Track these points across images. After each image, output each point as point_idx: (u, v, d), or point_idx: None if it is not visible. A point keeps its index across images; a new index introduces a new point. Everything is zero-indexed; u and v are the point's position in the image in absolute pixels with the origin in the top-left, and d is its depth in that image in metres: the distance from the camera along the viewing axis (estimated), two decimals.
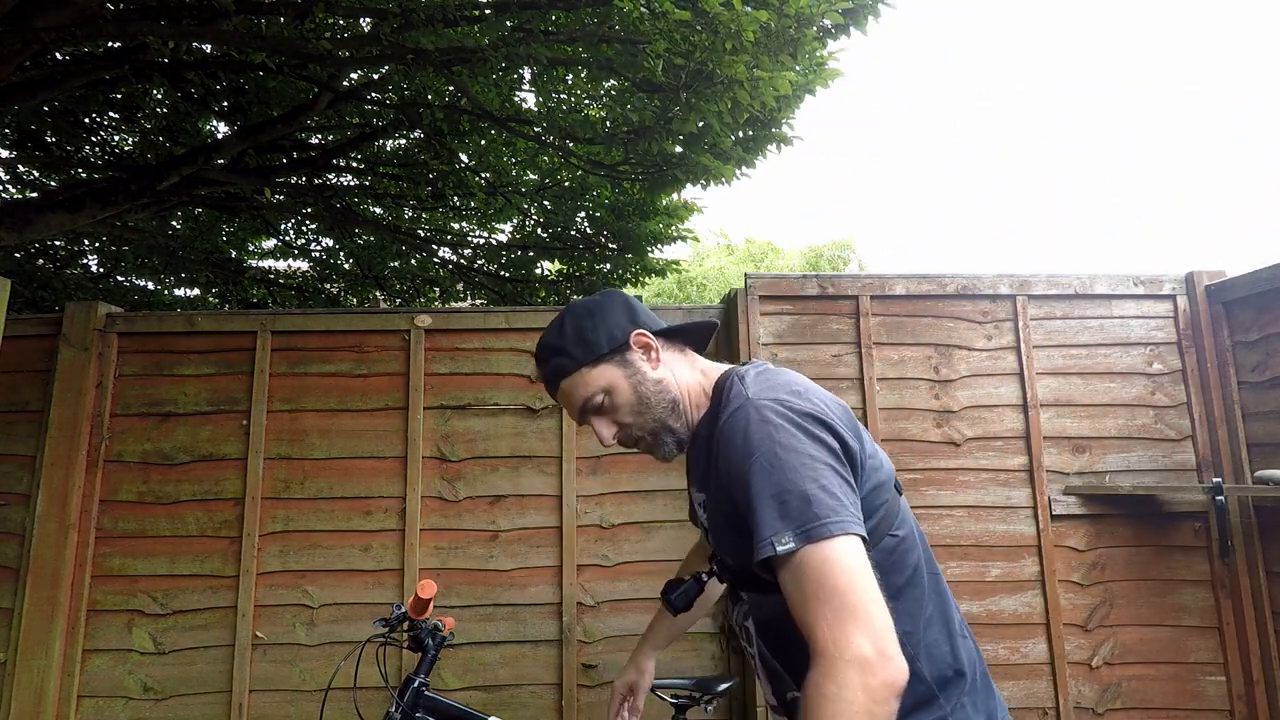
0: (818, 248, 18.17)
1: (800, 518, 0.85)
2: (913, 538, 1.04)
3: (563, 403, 1.13)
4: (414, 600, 1.84)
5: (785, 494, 0.87)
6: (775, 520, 0.87)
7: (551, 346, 1.11)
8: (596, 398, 1.08)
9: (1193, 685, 2.58)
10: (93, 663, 2.49)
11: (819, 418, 0.95)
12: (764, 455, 0.91)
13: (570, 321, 1.11)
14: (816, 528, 0.85)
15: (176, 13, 2.81)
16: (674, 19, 2.40)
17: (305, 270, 6.27)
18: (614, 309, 1.12)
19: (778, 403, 0.96)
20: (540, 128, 3.67)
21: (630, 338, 1.10)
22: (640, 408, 1.08)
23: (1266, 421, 2.62)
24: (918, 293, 2.81)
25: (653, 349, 1.11)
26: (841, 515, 0.86)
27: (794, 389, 1.00)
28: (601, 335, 1.09)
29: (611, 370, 1.08)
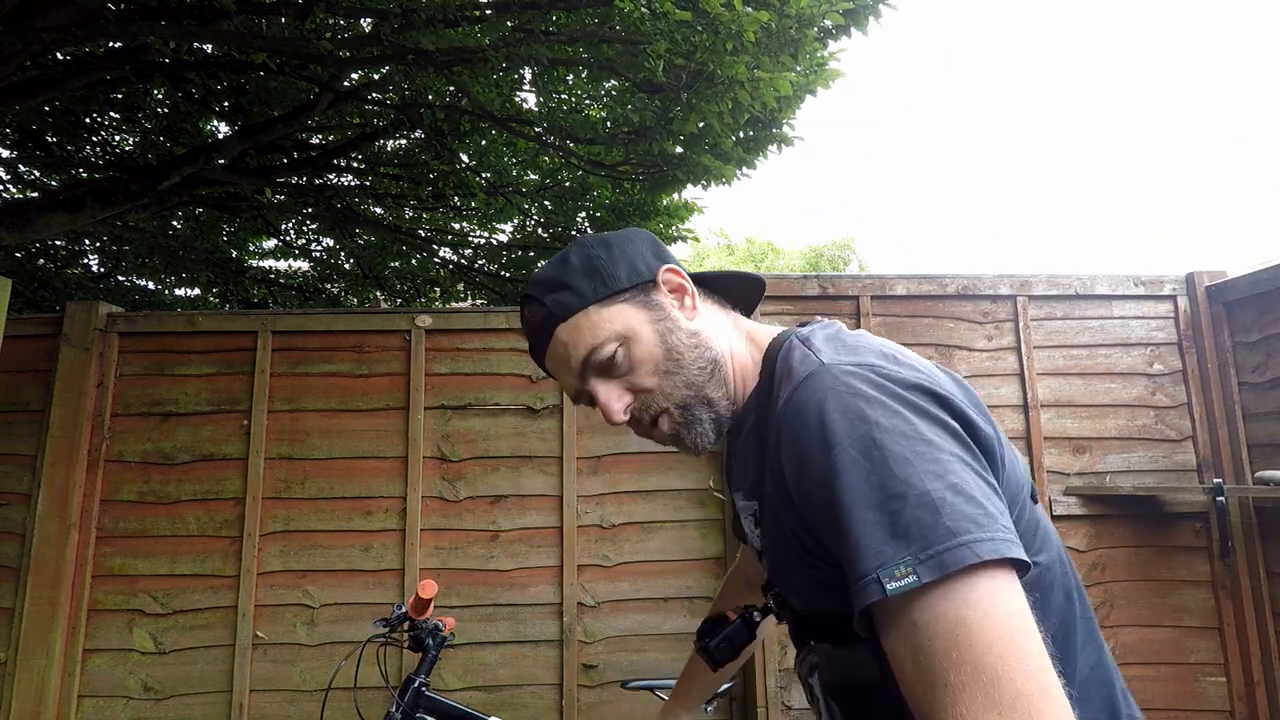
0: (818, 248, 18.18)
1: (924, 536, 0.53)
2: (1060, 566, 0.72)
3: (556, 364, 0.80)
4: (414, 600, 1.84)
5: (897, 499, 0.56)
6: (882, 541, 0.55)
7: (549, 280, 0.79)
8: (607, 348, 0.75)
9: (1193, 686, 2.58)
10: (93, 662, 2.49)
11: (932, 391, 0.63)
12: (856, 444, 0.59)
13: (578, 253, 0.80)
14: (953, 550, 0.52)
15: (177, 13, 2.80)
16: (675, 19, 2.40)
17: (306, 270, 6.27)
18: (637, 241, 0.82)
19: (869, 369, 0.64)
20: (541, 128, 3.67)
21: (659, 274, 0.80)
22: (668, 365, 0.76)
23: (1267, 422, 2.62)
24: (918, 293, 2.82)
25: (687, 293, 0.80)
26: (990, 530, 0.54)
27: (887, 352, 0.69)
28: (620, 267, 0.78)
29: (631, 312, 0.77)
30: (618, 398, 0.77)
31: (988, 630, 0.51)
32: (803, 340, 0.74)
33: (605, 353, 0.76)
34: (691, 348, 0.77)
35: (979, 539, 0.53)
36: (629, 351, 0.76)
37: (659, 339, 0.77)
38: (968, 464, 0.59)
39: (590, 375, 0.78)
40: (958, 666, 0.50)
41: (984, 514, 0.55)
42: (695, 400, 0.77)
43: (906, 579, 0.53)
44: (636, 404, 0.78)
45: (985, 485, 0.58)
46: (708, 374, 0.77)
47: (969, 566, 0.52)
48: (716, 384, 0.78)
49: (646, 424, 0.79)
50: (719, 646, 0.92)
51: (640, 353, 0.76)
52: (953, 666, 0.50)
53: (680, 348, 0.77)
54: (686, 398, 0.77)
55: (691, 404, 0.77)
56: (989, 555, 0.52)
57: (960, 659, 0.50)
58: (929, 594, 0.53)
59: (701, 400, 0.77)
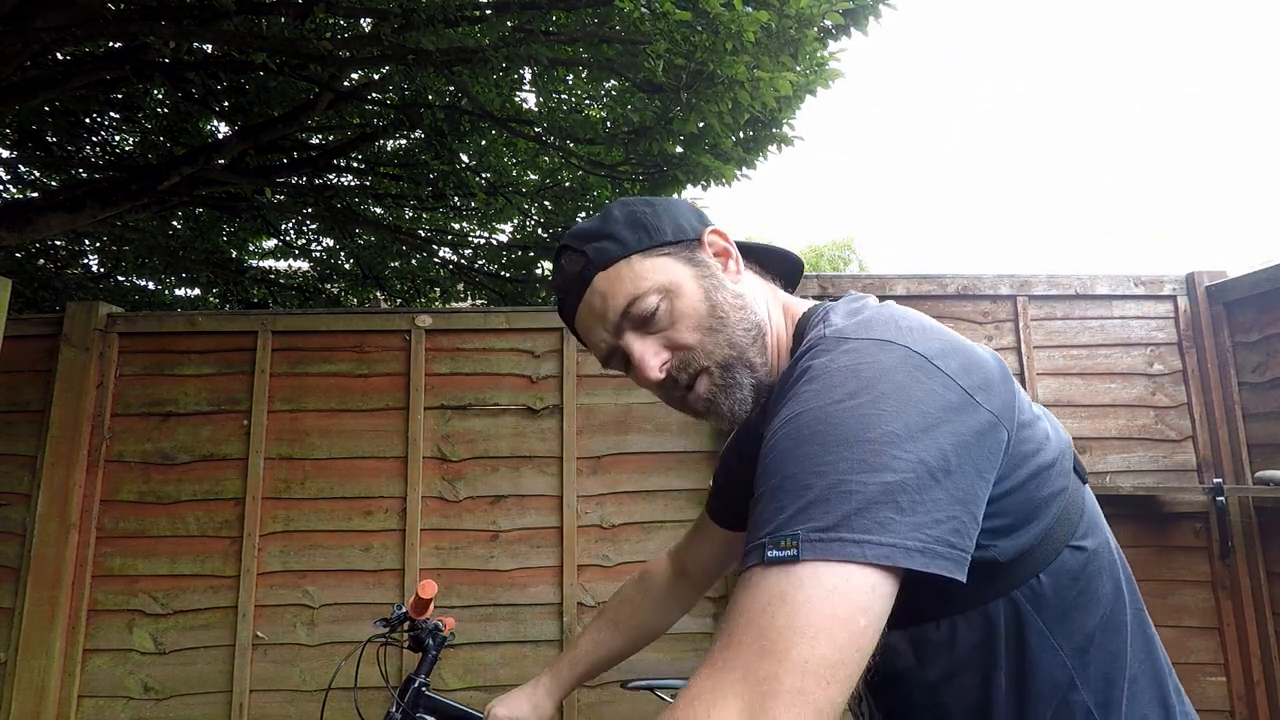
0: (818, 248, 18.19)
1: (825, 516, 0.51)
2: (1109, 556, 0.67)
3: (589, 318, 0.75)
4: (414, 600, 1.84)
5: (813, 478, 0.53)
6: (789, 510, 0.52)
7: (590, 230, 0.75)
8: (650, 298, 0.71)
9: (1193, 686, 2.59)
10: (93, 663, 2.49)
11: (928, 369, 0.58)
12: (808, 415, 0.56)
13: (620, 208, 0.76)
14: (839, 543, 0.50)
15: (177, 13, 2.80)
16: (675, 19, 2.40)
17: (306, 270, 6.27)
18: (680, 205, 0.79)
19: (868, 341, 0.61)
20: (541, 128, 3.67)
21: (704, 235, 0.76)
22: (712, 321, 0.72)
23: (1267, 422, 2.62)
24: (918, 293, 2.82)
25: (731, 256, 0.77)
26: (898, 536, 0.51)
27: (901, 324, 0.64)
28: (665, 222, 0.75)
29: (675, 265, 0.73)
30: (654, 353, 0.72)
31: (798, 615, 0.48)
32: (824, 314, 0.71)
33: (648, 304, 0.71)
34: (737, 308, 0.73)
35: (874, 541, 0.50)
36: (671, 305, 0.72)
37: (704, 294, 0.72)
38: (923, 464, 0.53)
39: (627, 328, 0.73)
40: (749, 627, 0.49)
41: (905, 522, 0.51)
42: (737, 361, 0.72)
43: (788, 551, 0.51)
44: (674, 362, 0.73)
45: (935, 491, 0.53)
46: (751, 336, 0.73)
47: (848, 560, 0.50)
48: (759, 349, 0.73)
49: (683, 384, 0.73)
50: None
51: (683, 306, 0.72)
52: (746, 625, 0.50)
53: (725, 306, 0.72)
54: (729, 357, 0.72)
55: (734, 365, 0.72)
56: (874, 559, 0.50)
57: (753, 623, 0.49)
58: (781, 566, 0.50)
59: (744, 363, 0.72)
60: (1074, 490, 0.66)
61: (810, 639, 0.48)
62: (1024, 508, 0.61)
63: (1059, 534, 0.63)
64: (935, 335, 0.63)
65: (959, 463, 0.55)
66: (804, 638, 0.48)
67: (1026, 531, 0.61)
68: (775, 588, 0.50)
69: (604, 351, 0.76)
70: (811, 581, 0.49)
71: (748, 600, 0.51)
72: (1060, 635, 0.62)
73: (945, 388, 0.57)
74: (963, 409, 0.57)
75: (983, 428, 0.58)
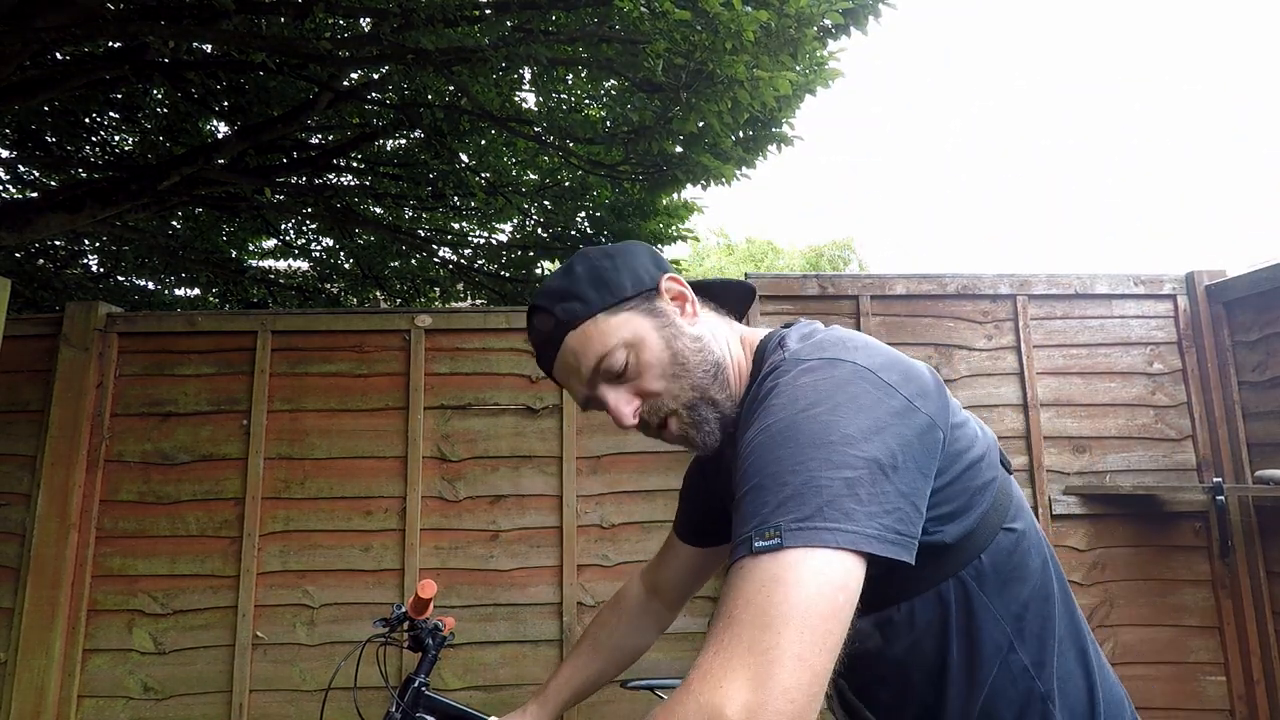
0: (818, 247, 18.19)
1: (800, 509, 0.59)
2: (1035, 535, 0.78)
3: (565, 372, 0.84)
4: (414, 600, 1.84)
5: (791, 474, 0.61)
6: (766, 506, 0.61)
7: (557, 291, 0.82)
8: (617, 354, 0.80)
9: (1193, 685, 2.58)
10: (93, 663, 2.49)
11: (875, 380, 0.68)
12: (778, 424, 0.65)
13: (582, 264, 0.84)
14: (818, 530, 0.58)
15: (177, 12, 2.80)
16: (674, 19, 2.40)
17: (305, 270, 6.26)
18: (638, 253, 0.86)
19: (822, 360, 0.70)
20: (540, 128, 3.67)
21: (661, 282, 0.84)
22: (674, 369, 0.80)
23: (1267, 421, 2.62)
24: (918, 293, 2.82)
25: (688, 299, 0.85)
26: (859, 525, 0.59)
27: (849, 344, 0.73)
28: (624, 276, 0.82)
29: (638, 319, 0.81)
30: (626, 402, 0.81)
31: (791, 593, 0.56)
32: (779, 340, 0.81)
33: (615, 360, 0.80)
34: (695, 351, 0.82)
35: (844, 529, 0.59)
36: (637, 357, 0.80)
37: (665, 344, 0.81)
38: (876, 464, 0.62)
39: (600, 382, 0.82)
40: (747, 606, 0.57)
41: (862, 511, 0.60)
42: (700, 401, 0.81)
43: (773, 540, 0.59)
44: (645, 407, 0.82)
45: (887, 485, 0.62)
46: (711, 376, 0.82)
47: (819, 545, 0.58)
48: (720, 385, 0.82)
49: (655, 426, 0.83)
50: None
51: (648, 358, 0.80)
52: (745, 606, 0.57)
53: (685, 352, 0.81)
54: (692, 399, 0.81)
55: (697, 404, 0.81)
56: (848, 545, 0.58)
57: (751, 602, 0.57)
58: (770, 554, 0.58)
59: (706, 401, 0.81)
60: (1002, 480, 0.77)
61: (803, 613, 0.56)
62: (962, 496, 0.71)
63: (994, 518, 0.74)
64: (878, 352, 0.73)
65: (904, 460, 0.65)
66: (798, 612, 0.56)
67: (968, 516, 0.72)
68: (768, 571, 0.58)
69: (582, 399, 0.85)
70: (800, 565, 0.58)
71: (743, 584, 0.59)
72: (1000, 605, 0.73)
73: (889, 396, 0.68)
74: (905, 413, 0.67)
75: (922, 429, 0.68)
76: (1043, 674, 0.73)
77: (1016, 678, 0.73)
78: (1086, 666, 0.77)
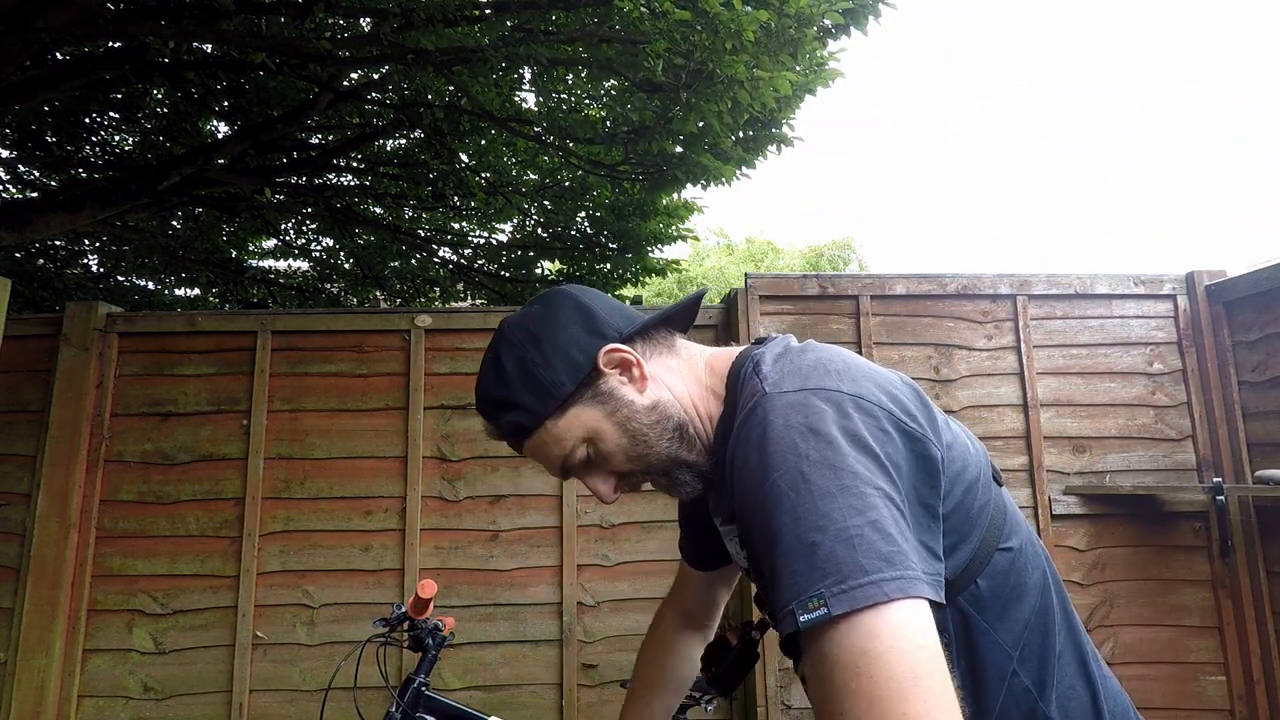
0: (818, 247, 18.19)
1: (839, 570, 0.55)
2: (1031, 549, 0.76)
3: (537, 462, 0.84)
4: (414, 600, 1.84)
5: (817, 532, 0.57)
6: (800, 574, 0.57)
7: (495, 401, 0.79)
8: (577, 453, 0.79)
9: (1193, 685, 2.58)
10: (93, 662, 2.49)
11: (867, 408, 0.65)
12: (785, 477, 0.61)
13: (510, 357, 0.79)
14: (864, 587, 0.54)
15: (177, 12, 2.80)
16: (674, 19, 2.40)
17: (305, 270, 6.26)
18: (565, 323, 0.80)
19: (807, 393, 0.66)
20: (540, 128, 3.67)
21: (599, 359, 0.78)
22: (638, 450, 0.79)
23: (1267, 421, 2.62)
24: (918, 293, 2.82)
25: (633, 364, 0.79)
26: (901, 568, 0.55)
27: (829, 368, 0.69)
28: (559, 368, 0.77)
29: (586, 412, 0.78)
30: (603, 483, 0.82)
31: (890, 664, 0.51)
32: (755, 365, 0.75)
33: (577, 458, 0.79)
34: (654, 424, 0.79)
35: (888, 578, 0.54)
36: (597, 449, 0.79)
37: (620, 429, 0.78)
38: (890, 499, 0.60)
39: (573, 472, 0.82)
40: (854, 697, 0.51)
41: (898, 552, 0.56)
42: (672, 464, 0.80)
43: (818, 611, 0.54)
44: (623, 484, 0.83)
45: (903, 522, 0.59)
46: (677, 440, 0.79)
47: (875, 603, 0.53)
48: (688, 445, 0.80)
49: (638, 488, 0.84)
50: (726, 674, 0.91)
51: (608, 448, 0.79)
52: (849, 697, 0.52)
53: (643, 430, 0.78)
54: (664, 465, 0.80)
55: (670, 468, 0.80)
56: (896, 594, 0.54)
57: (858, 690, 0.51)
58: (838, 626, 0.54)
59: (678, 463, 0.80)
60: (995, 497, 0.74)
61: (912, 680, 0.51)
62: (962, 524, 0.69)
63: (990, 540, 0.71)
64: (860, 374, 0.69)
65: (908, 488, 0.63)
66: (907, 682, 0.51)
67: (966, 545, 0.69)
68: (854, 648, 0.53)
69: (562, 478, 0.85)
70: (878, 631, 0.53)
71: (830, 672, 0.54)
72: (1001, 630, 0.70)
73: (883, 422, 0.65)
74: (900, 437, 0.65)
75: (921, 451, 0.65)
76: (1044, 693, 0.71)
77: (1019, 699, 0.71)
78: (1089, 678, 0.75)
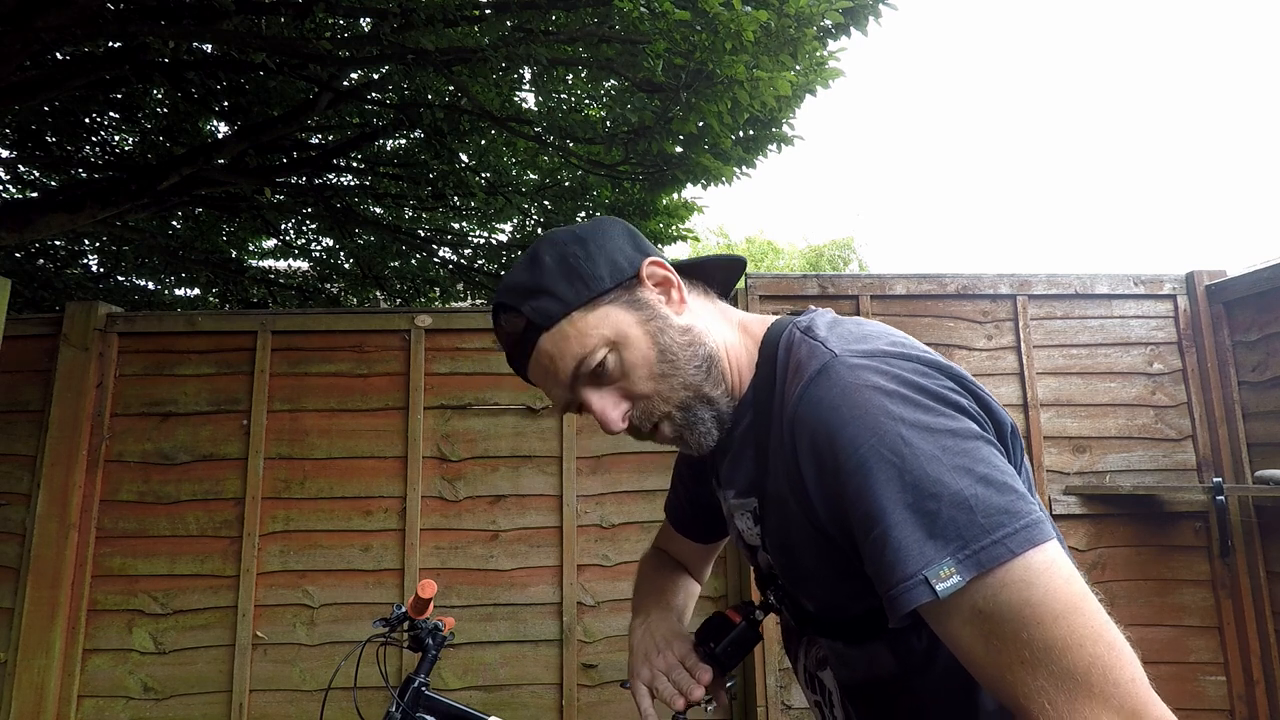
0: (818, 247, 18.18)
1: (961, 536, 0.54)
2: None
3: (541, 375, 0.75)
4: (414, 600, 1.84)
5: (932, 500, 0.56)
6: (923, 542, 0.55)
7: (524, 287, 0.73)
8: (598, 355, 0.71)
9: (1193, 685, 2.58)
10: (93, 662, 2.49)
11: (945, 368, 0.64)
12: (884, 442, 0.58)
13: (551, 252, 0.74)
14: (989, 547, 0.54)
15: (176, 12, 2.80)
16: (674, 19, 2.40)
17: (305, 270, 6.26)
18: (613, 234, 0.76)
19: (881, 358, 0.63)
20: (540, 128, 3.67)
21: (642, 269, 0.75)
22: (663, 367, 0.72)
23: (1267, 421, 2.62)
24: (918, 292, 2.82)
25: (673, 285, 0.76)
26: (1023, 517, 0.55)
27: (893, 336, 0.68)
28: (601, 265, 0.73)
29: (619, 313, 0.72)
30: (613, 405, 0.73)
31: (1053, 605, 0.52)
32: (805, 330, 0.71)
33: (595, 360, 0.71)
34: (685, 345, 0.73)
35: (1012, 531, 0.54)
36: (620, 357, 0.72)
37: (651, 340, 0.72)
38: (991, 445, 0.59)
39: (581, 385, 0.73)
40: (1029, 645, 0.52)
41: (1013, 499, 0.56)
42: (695, 400, 0.73)
43: (952, 579, 0.54)
44: (635, 412, 0.74)
45: (1009, 465, 0.59)
46: (704, 372, 0.74)
47: (1013, 555, 0.54)
48: (714, 381, 0.74)
49: (647, 430, 0.76)
50: (726, 651, 0.86)
51: (633, 357, 0.72)
52: (1025, 645, 0.52)
53: (674, 347, 0.73)
54: (685, 399, 0.73)
55: (691, 404, 0.73)
56: (1030, 542, 0.54)
57: (1031, 637, 0.52)
58: (984, 583, 0.54)
59: (701, 399, 0.74)
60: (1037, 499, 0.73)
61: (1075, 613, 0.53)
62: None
63: None
64: (922, 346, 0.68)
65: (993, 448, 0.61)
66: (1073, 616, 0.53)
67: None
68: (1013, 599, 0.54)
69: (561, 405, 0.76)
70: (1030, 578, 0.54)
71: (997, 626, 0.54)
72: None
73: (959, 385, 0.63)
74: (973, 401, 0.63)
75: (996, 417, 0.65)
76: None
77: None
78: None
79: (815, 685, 0.79)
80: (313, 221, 5.30)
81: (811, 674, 0.80)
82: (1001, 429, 0.64)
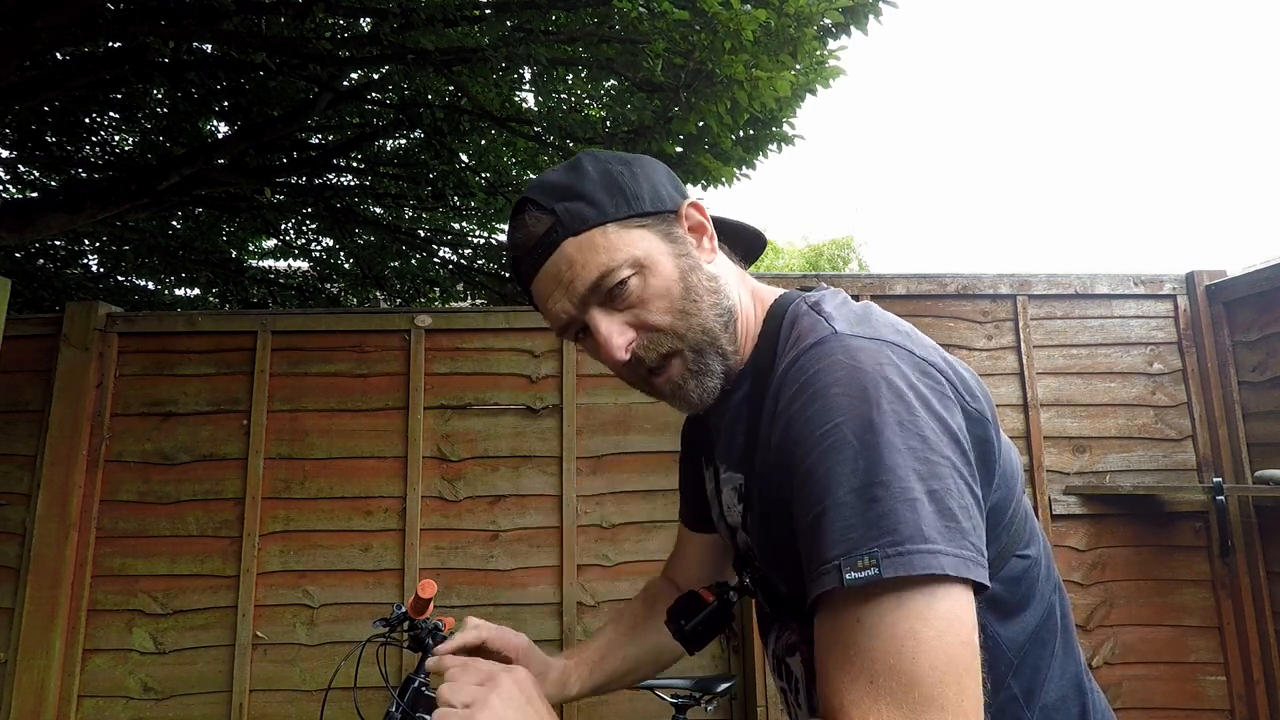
0: (818, 247, 18.18)
1: (895, 530, 0.52)
2: (1046, 561, 0.72)
3: (550, 285, 0.69)
4: (414, 600, 1.84)
5: (880, 487, 0.53)
6: (853, 527, 0.53)
7: (560, 187, 0.69)
8: (623, 271, 0.67)
9: (1193, 685, 2.58)
10: (93, 662, 2.49)
11: (940, 374, 0.61)
12: (853, 422, 0.56)
13: (594, 163, 0.71)
14: (921, 555, 0.51)
15: (176, 12, 2.80)
16: (673, 19, 2.40)
17: (305, 270, 6.26)
18: (657, 169, 0.74)
19: (883, 345, 0.61)
20: (540, 127, 3.67)
21: (682, 207, 0.72)
22: (685, 304, 0.69)
23: (1267, 421, 2.62)
24: (918, 292, 2.82)
25: (707, 234, 0.73)
26: (957, 546, 0.52)
27: (899, 327, 0.66)
28: (644, 189, 0.70)
29: (652, 239, 0.69)
30: (620, 332, 0.69)
31: (937, 652, 0.50)
32: (812, 305, 0.70)
33: (619, 277, 0.67)
34: (711, 291, 0.70)
35: (947, 551, 0.52)
36: (644, 281, 0.68)
37: (679, 274, 0.69)
38: (956, 470, 0.56)
39: (593, 302, 0.69)
40: (891, 673, 0.50)
41: (955, 529, 0.53)
42: (710, 347, 0.70)
43: (867, 571, 0.51)
44: (641, 342, 0.69)
45: (969, 497, 0.56)
46: (724, 322, 0.71)
47: (931, 577, 0.51)
48: (730, 335, 0.72)
49: (650, 364, 0.70)
50: (697, 630, 0.82)
51: (657, 284, 0.68)
52: (886, 671, 0.51)
53: (700, 288, 0.70)
54: (701, 342, 0.70)
55: (706, 349, 0.70)
56: (953, 571, 0.51)
57: (897, 668, 0.50)
58: (885, 595, 0.51)
59: (716, 349, 0.70)
60: (1026, 502, 0.70)
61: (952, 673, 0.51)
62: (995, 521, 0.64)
63: (1010, 545, 0.67)
64: (928, 343, 0.66)
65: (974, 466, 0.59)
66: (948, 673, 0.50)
67: (993, 545, 0.63)
68: (899, 625, 0.51)
69: (562, 322, 0.71)
70: (930, 615, 0.51)
71: (865, 640, 0.52)
72: (1006, 635, 0.67)
73: (949, 394, 0.60)
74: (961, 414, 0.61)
75: (981, 434, 0.62)
76: (1031, 704, 0.68)
77: (1005, 707, 0.67)
78: (1081, 692, 0.72)
79: (782, 672, 0.77)
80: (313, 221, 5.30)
81: (780, 659, 0.77)
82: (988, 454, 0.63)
